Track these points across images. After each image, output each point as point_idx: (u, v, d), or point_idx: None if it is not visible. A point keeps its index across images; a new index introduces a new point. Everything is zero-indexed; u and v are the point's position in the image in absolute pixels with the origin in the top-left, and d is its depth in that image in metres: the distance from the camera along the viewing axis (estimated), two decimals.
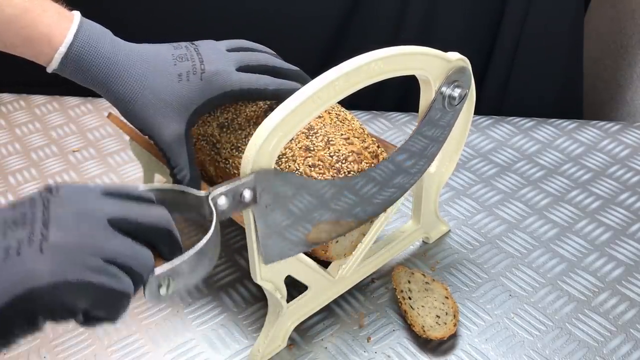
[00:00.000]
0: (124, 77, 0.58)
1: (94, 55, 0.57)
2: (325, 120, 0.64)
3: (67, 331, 0.68)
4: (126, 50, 0.59)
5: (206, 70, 0.60)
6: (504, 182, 0.87)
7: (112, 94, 0.59)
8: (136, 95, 0.58)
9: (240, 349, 0.66)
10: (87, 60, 0.57)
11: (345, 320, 0.68)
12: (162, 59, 0.60)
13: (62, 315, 0.40)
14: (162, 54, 0.61)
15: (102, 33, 0.59)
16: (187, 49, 0.62)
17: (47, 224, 0.41)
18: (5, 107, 1.05)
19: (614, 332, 0.66)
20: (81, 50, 0.57)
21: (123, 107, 0.59)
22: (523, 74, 1.07)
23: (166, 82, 0.59)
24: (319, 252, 0.63)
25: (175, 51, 0.61)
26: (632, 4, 1.11)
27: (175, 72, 0.60)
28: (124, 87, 0.58)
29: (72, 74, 0.58)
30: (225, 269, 0.75)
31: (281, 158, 0.61)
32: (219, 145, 0.67)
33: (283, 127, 0.51)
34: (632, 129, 0.96)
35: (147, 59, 0.60)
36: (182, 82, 0.59)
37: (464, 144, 0.71)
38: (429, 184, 0.71)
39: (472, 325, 0.67)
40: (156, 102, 0.59)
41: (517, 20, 1.03)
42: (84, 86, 0.60)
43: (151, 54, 0.60)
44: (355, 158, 0.61)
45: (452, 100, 0.61)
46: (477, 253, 0.76)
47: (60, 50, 0.56)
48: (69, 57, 0.57)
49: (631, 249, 0.76)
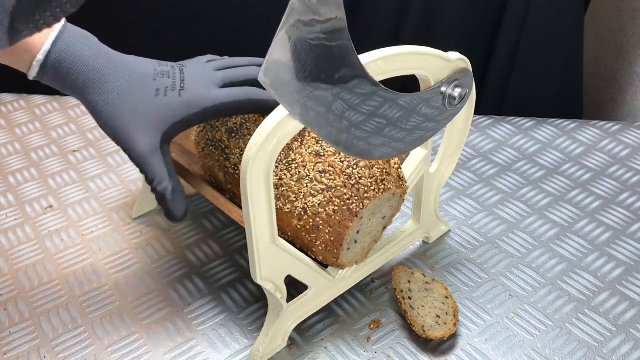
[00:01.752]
0: (101, 85, 0.59)
1: (73, 62, 0.58)
2: None
3: (67, 331, 0.68)
4: (108, 57, 0.60)
5: (185, 88, 0.61)
6: (504, 182, 0.87)
7: (88, 102, 0.60)
8: (110, 106, 0.59)
9: (240, 349, 0.66)
10: (65, 67, 0.58)
11: (345, 320, 0.68)
12: (143, 72, 0.61)
13: None
14: (145, 66, 0.62)
15: (85, 39, 0.59)
16: (172, 68, 0.63)
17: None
18: (5, 107, 1.05)
19: (614, 332, 0.66)
20: (60, 57, 0.57)
21: (97, 116, 0.60)
22: (523, 74, 1.07)
23: (143, 94, 0.60)
24: (330, 259, 0.63)
25: (159, 67, 0.62)
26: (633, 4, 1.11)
27: (154, 87, 0.61)
28: (99, 96, 0.59)
29: (51, 81, 0.59)
30: (225, 269, 0.75)
31: (291, 164, 0.61)
32: (227, 151, 0.67)
33: (283, 127, 0.51)
34: (632, 129, 0.96)
35: (128, 69, 0.60)
36: (159, 96, 0.61)
37: (464, 144, 0.71)
38: (429, 184, 0.71)
39: (472, 325, 0.67)
40: (129, 114, 0.59)
41: (517, 20, 1.03)
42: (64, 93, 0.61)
43: (132, 64, 0.61)
44: (367, 163, 0.61)
45: (452, 100, 0.61)
46: (477, 253, 0.76)
47: (38, 57, 0.57)
48: (47, 65, 0.57)
49: (631, 249, 0.76)
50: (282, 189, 0.61)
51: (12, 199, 0.86)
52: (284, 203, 0.61)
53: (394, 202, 0.64)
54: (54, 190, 0.87)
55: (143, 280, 0.74)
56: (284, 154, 0.62)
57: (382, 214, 0.64)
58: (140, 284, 0.73)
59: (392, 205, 0.64)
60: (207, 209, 0.83)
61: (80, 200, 0.85)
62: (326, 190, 0.60)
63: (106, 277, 0.74)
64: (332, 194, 0.59)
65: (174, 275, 0.74)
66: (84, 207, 0.84)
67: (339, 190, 0.59)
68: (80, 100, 0.60)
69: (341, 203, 0.59)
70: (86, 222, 0.82)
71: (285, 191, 0.61)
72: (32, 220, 0.83)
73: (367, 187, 0.60)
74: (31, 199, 0.86)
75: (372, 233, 0.64)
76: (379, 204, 0.62)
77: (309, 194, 0.60)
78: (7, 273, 0.75)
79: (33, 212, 0.84)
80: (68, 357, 0.65)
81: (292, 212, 0.61)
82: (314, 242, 0.61)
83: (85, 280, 0.74)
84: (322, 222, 0.60)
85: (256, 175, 0.52)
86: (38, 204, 0.85)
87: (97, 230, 0.81)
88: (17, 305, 0.71)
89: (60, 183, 0.89)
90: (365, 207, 0.60)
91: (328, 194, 0.59)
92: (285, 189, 0.61)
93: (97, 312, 0.70)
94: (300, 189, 0.60)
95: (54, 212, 0.84)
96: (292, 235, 0.63)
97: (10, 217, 0.83)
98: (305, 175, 0.60)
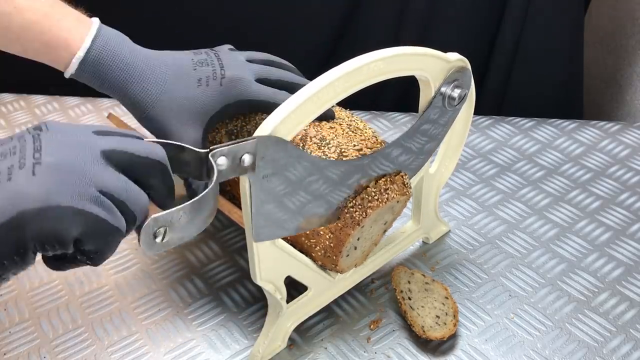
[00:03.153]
0: (142, 81, 0.58)
1: (112, 59, 0.57)
2: (337, 131, 0.63)
3: (67, 331, 0.68)
4: (144, 55, 0.59)
5: (226, 75, 0.60)
6: (504, 182, 0.87)
7: (130, 98, 0.58)
8: (154, 101, 0.58)
9: (240, 349, 0.66)
10: (105, 64, 0.57)
11: (345, 320, 0.68)
12: (182, 64, 0.60)
13: (52, 243, 0.39)
14: (182, 59, 0.60)
15: (121, 38, 0.59)
16: (207, 55, 0.61)
17: (39, 150, 0.40)
18: (5, 107, 1.05)
19: (614, 332, 0.66)
20: (99, 54, 0.57)
21: (140, 112, 0.59)
22: (523, 74, 1.07)
23: (185, 87, 0.58)
24: (329, 264, 0.63)
25: (195, 57, 0.61)
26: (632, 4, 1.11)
27: (196, 77, 0.59)
28: (142, 92, 0.58)
29: (90, 79, 0.58)
30: (225, 269, 0.75)
31: None
32: None
33: (283, 128, 0.51)
34: (632, 129, 0.96)
35: (167, 64, 0.59)
36: (201, 87, 0.59)
37: (464, 144, 0.71)
38: (429, 184, 0.71)
39: (472, 325, 0.67)
40: (175, 108, 0.58)
41: (517, 20, 1.03)
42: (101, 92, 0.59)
43: (170, 59, 0.60)
44: None
45: (451, 101, 0.61)
46: (477, 253, 0.76)
47: (79, 54, 0.56)
48: (87, 62, 0.57)
49: (631, 249, 0.76)
50: None
51: None
52: None
53: (397, 208, 0.64)
54: None
55: (143, 280, 0.74)
56: None
57: (383, 220, 0.64)
58: (140, 284, 0.73)
59: (394, 211, 0.64)
60: None
61: None
62: None
63: (106, 277, 0.74)
64: None
65: (174, 275, 0.74)
66: None
67: None
68: (119, 98, 0.59)
69: (344, 210, 0.59)
70: None
71: None
72: None
73: (371, 197, 0.60)
74: None
75: (372, 238, 0.64)
76: (382, 212, 0.62)
77: None
78: None
79: None
80: (68, 357, 0.65)
81: None
82: (313, 248, 0.61)
83: (85, 280, 0.74)
84: (323, 227, 0.60)
85: None
86: None
87: None
88: (17, 305, 0.71)
89: None
90: (368, 216, 0.59)
91: None
92: None
93: (97, 312, 0.70)
94: None
95: None
96: (291, 240, 0.63)
97: None
98: None
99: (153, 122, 0.59)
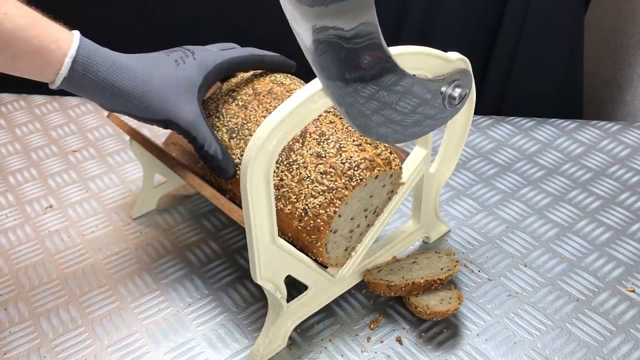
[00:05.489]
0: (131, 73, 0.62)
1: (100, 58, 0.60)
2: (337, 126, 0.63)
3: (67, 331, 0.68)
4: (124, 55, 0.63)
5: (196, 52, 0.67)
6: (504, 182, 0.87)
7: (125, 89, 0.62)
8: (147, 85, 0.62)
9: (240, 349, 0.66)
10: (95, 62, 0.60)
11: (345, 320, 0.68)
12: (154, 55, 0.66)
13: None
14: (153, 53, 0.66)
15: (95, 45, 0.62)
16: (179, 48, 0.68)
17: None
18: (5, 107, 1.05)
19: (614, 332, 0.66)
20: (88, 53, 0.59)
21: (137, 100, 0.62)
22: (523, 74, 1.07)
23: (167, 69, 0.64)
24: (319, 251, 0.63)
25: (168, 50, 0.68)
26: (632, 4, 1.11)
27: (172, 59, 0.66)
28: (134, 81, 0.62)
29: (81, 78, 0.60)
30: (225, 269, 0.75)
31: (292, 165, 0.61)
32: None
33: (283, 127, 0.50)
34: (632, 129, 0.96)
35: (142, 58, 0.65)
36: (179, 65, 0.65)
37: (464, 144, 0.71)
38: (429, 184, 0.71)
39: (472, 325, 0.67)
40: (167, 86, 0.63)
41: (517, 20, 1.02)
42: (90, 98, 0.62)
43: (143, 54, 0.65)
44: (368, 165, 0.61)
45: (452, 100, 0.61)
46: (477, 253, 0.76)
47: (71, 52, 0.58)
48: (77, 61, 0.58)
49: (631, 249, 0.76)
50: (283, 190, 0.61)
51: (12, 199, 0.86)
52: (285, 204, 0.61)
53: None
54: (54, 190, 0.87)
55: (143, 280, 0.74)
56: (285, 155, 0.62)
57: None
58: (140, 284, 0.73)
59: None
60: (207, 209, 0.83)
61: (80, 200, 0.86)
62: (327, 192, 0.60)
63: (106, 277, 0.74)
64: (333, 195, 0.59)
65: (174, 275, 0.74)
66: (84, 207, 0.84)
67: (340, 191, 0.59)
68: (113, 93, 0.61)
69: (342, 205, 0.59)
70: (86, 222, 0.82)
71: (286, 192, 0.61)
72: (32, 220, 0.83)
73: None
74: (31, 199, 0.86)
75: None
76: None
77: (310, 195, 0.60)
78: (7, 273, 0.75)
79: (33, 212, 0.84)
80: (68, 357, 0.65)
81: (293, 213, 0.61)
82: (314, 244, 0.61)
83: (85, 280, 0.74)
84: (323, 223, 0.60)
85: (256, 176, 0.52)
86: (38, 204, 0.85)
87: (97, 230, 0.81)
88: (17, 305, 0.71)
89: (60, 183, 0.89)
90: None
91: (329, 195, 0.59)
92: (286, 190, 0.61)
93: (97, 312, 0.70)
94: (301, 190, 0.60)
95: (54, 212, 0.84)
96: (292, 236, 0.63)
97: (10, 217, 0.83)
98: (306, 176, 0.60)
99: (153, 105, 0.63)
